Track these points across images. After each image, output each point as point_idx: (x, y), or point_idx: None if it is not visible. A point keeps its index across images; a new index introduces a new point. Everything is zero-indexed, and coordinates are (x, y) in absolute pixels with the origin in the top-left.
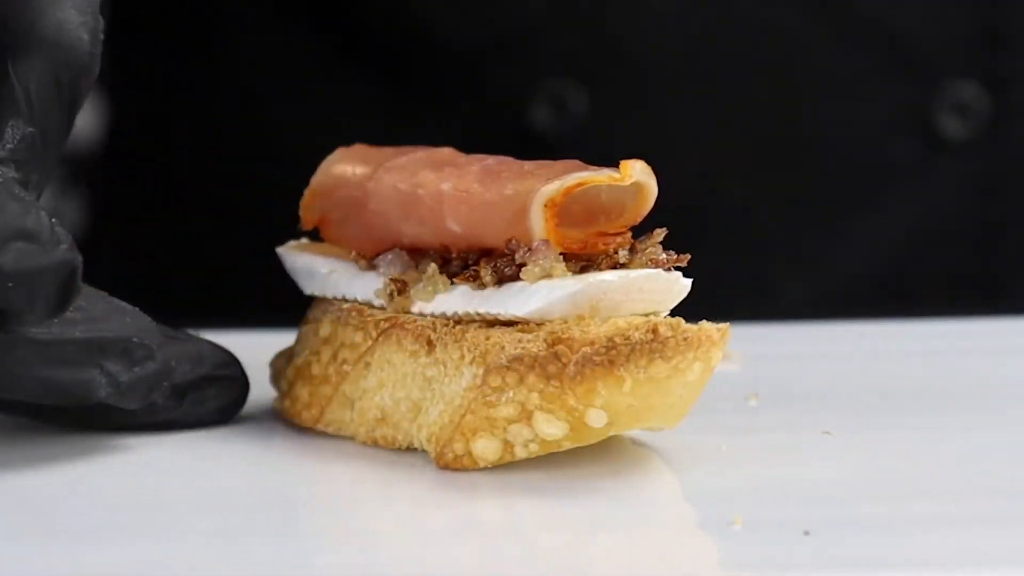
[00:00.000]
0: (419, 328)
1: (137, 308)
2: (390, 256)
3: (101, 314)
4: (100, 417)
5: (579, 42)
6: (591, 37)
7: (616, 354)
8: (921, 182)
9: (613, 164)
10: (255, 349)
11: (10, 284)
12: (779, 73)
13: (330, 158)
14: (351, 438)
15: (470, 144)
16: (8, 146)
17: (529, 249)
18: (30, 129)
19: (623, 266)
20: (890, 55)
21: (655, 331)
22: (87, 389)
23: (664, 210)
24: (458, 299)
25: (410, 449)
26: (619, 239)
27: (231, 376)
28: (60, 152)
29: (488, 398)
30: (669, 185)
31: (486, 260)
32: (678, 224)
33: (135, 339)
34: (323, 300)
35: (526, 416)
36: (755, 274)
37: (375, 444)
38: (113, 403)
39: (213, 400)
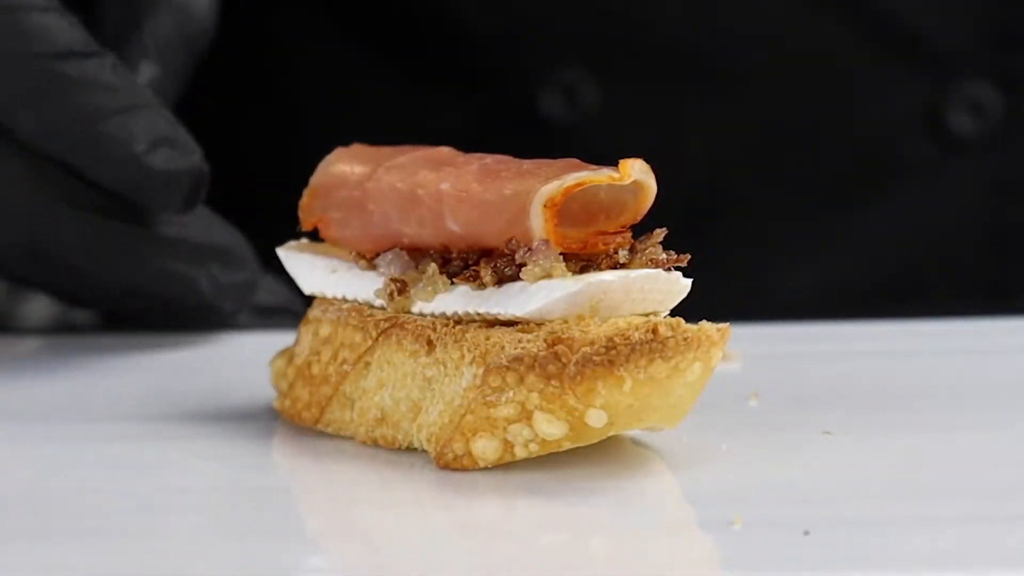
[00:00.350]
0: (419, 328)
1: (231, 226)
2: (390, 256)
3: (208, 224)
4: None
5: (592, 32)
6: (604, 27)
7: (616, 354)
8: (932, 181)
9: (623, 156)
10: (255, 349)
11: (155, 182)
12: (792, 68)
13: (328, 158)
14: (351, 438)
15: (481, 133)
16: (143, 80)
17: (529, 249)
18: (157, 69)
19: (623, 266)
20: (904, 53)
21: (655, 331)
22: (193, 285)
23: (673, 203)
24: (458, 299)
25: (410, 449)
26: (619, 239)
27: (299, 314)
28: (179, 91)
29: (488, 398)
30: (678, 178)
31: (486, 260)
32: (686, 218)
33: (235, 249)
34: (323, 300)
35: (526, 416)
36: (762, 268)
37: (375, 444)
38: (212, 302)
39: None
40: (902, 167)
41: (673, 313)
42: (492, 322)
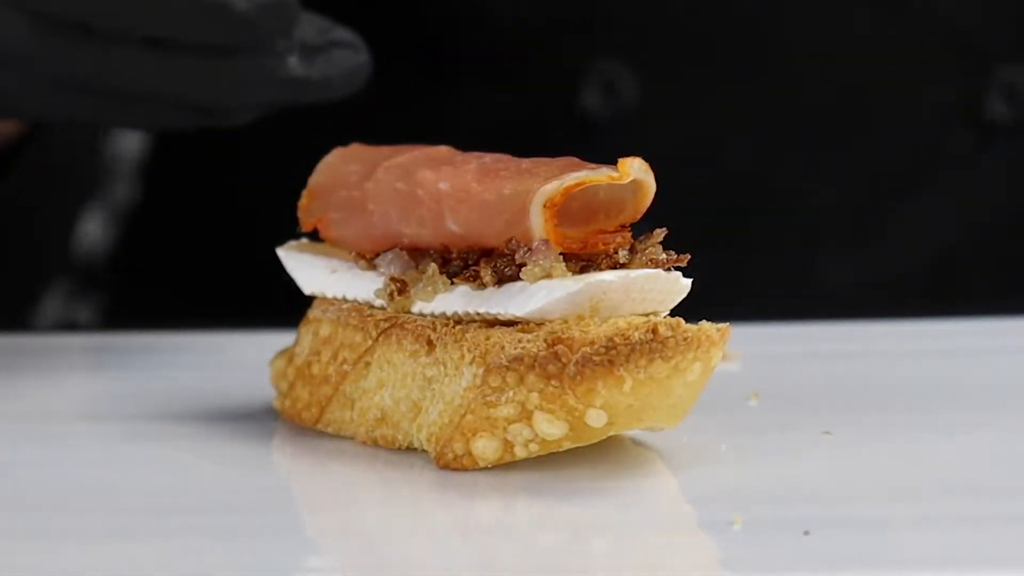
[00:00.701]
0: (419, 328)
1: None
2: (390, 256)
3: None
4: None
5: (632, 26)
6: (644, 21)
7: (616, 354)
8: (969, 170)
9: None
10: (255, 349)
11: None
12: (829, 60)
13: (327, 159)
14: (351, 438)
15: (520, 127)
16: None
17: (529, 249)
18: None
19: (623, 266)
20: (939, 42)
21: (655, 331)
22: (228, 7)
23: (711, 197)
24: (458, 299)
25: (410, 449)
26: (619, 239)
27: (355, 43)
28: None
29: (488, 398)
30: (717, 172)
31: (486, 260)
32: (724, 212)
33: None
34: (323, 300)
35: (526, 416)
36: (801, 262)
37: (375, 444)
38: (249, 21)
39: (339, 63)
40: (940, 157)
41: (713, 307)
42: (492, 322)
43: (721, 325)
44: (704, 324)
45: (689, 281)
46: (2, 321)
